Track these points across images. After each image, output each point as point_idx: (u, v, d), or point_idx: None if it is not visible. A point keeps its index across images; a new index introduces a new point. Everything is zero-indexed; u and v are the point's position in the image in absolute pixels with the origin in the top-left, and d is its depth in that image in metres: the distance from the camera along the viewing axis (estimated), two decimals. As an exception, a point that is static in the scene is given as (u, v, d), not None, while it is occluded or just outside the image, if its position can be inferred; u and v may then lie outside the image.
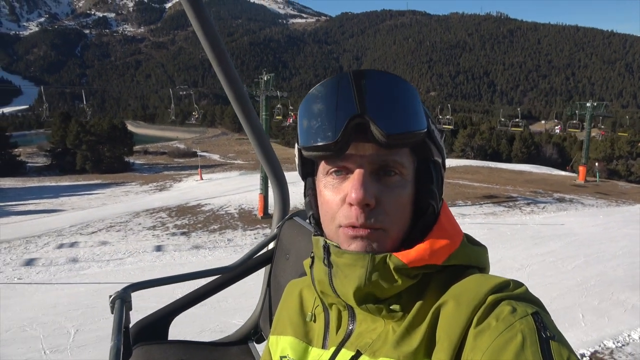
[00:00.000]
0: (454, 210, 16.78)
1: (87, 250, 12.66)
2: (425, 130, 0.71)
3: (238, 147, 52.59)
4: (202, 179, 26.92)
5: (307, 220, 0.80)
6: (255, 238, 14.07)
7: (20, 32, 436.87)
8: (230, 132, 76.06)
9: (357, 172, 0.69)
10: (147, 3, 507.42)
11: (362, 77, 0.69)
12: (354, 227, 0.69)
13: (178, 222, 16.00)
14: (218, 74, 1.46)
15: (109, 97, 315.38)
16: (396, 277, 0.68)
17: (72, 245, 13.20)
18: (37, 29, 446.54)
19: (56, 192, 24.79)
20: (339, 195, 0.71)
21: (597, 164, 34.15)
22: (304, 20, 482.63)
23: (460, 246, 0.73)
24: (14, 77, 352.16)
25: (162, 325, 1.53)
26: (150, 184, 26.78)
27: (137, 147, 44.71)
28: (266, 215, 16.81)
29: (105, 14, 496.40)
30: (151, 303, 2.69)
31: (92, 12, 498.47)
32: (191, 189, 23.74)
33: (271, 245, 1.76)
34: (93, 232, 14.68)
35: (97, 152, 35.60)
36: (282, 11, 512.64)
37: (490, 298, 0.63)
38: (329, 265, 0.74)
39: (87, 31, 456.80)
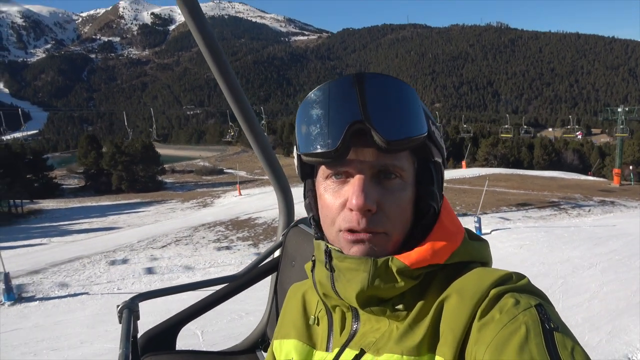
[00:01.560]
0: (497, 218, 17.34)
1: (168, 262, 13.27)
2: (426, 134, 0.70)
3: (258, 163, 52.66)
4: (240, 194, 27.60)
5: (308, 222, 0.79)
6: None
7: (28, 59, 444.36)
8: (250, 149, 77.24)
9: (358, 178, 0.68)
10: (151, 26, 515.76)
11: (361, 81, 0.68)
12: (354, 231, 0.69)
13: (239, 235, 16.61)
14: (222, 89, 1.49)
15: (116, 119, 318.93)
16: (399, 279, 0.69)
17: (150, 258, 13.82)
18: (44, 55, 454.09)
19: (102, 211, 25.54)
20: (339, 200, 0.71)
21: (630, 167, 34.48)
22: (305, 38, 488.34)
23: (462, 244, 0.73)
24: (23, 103, 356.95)
25: (170, 335, 1.52)
26: (190, 201, 27.49)
27: (163, 167, 45.53)
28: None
29: (110, 38, 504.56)
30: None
31: (98, 37, 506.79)
32: (234, 204, 24.39)
33: (277, 253, 1.77)
34: (163, 246, 15.31)
35: (132, 172, 36.58)
36: (284, 29, 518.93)
37: (493, 291, 0.64)
38: (331, 269, 0.74)
39: (93, 55, 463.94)
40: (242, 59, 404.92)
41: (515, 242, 13.72)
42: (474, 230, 7.49)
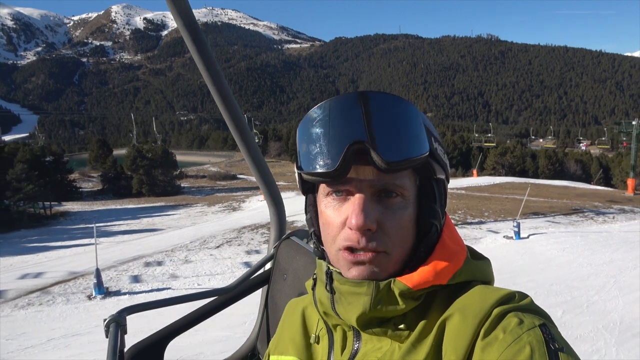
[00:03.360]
0: (528, 224, 18.27)
1: (230, 261, 13.92)
2: (427, 153, 0.69)
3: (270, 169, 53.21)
4: (264, 199, 28.30)
5: (309, 237, 0.79)
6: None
7: (18, 62, 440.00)
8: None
9: (358, 197, 0.68)
10: (144, 31, 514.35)
11: (363, 100, 0.67)
12: (354, 250, 0.69)
13: (285, 237, 17.35)
14: (214, 96, 1.49)
15: (108, 123, 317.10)
16: (401, 301, 0.68)
17: (211, 257, 14.44)
18: (34, 58, 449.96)
19: (132, 213, 26.09)
20: (339, 218, 0.70)
21: (643, 177, 35.75)
22: (298, 46, 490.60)
23: (464, 263, 0.72)
24: (12, 106, 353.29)
25: (157, 349, 1.50)
26: (216, 205, 28.13)
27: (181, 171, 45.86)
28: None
29: (102, 42, 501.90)
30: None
31: (89, 41, 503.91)
32: (263, 208, 25.10)
33: (268, 266, 1.76)
34: (217, 247, 15.97)
35: (152, 176, 37.08)
36: (276, 37, 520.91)
37: (496, 310, 0.63)
38: (331, 291, 0.73)
39: (84, 59, 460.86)
40: (236, 66, 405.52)
41: (555, 245, 14.67)
42: (513, 235, 12.06)
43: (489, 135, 53.65)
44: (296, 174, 0.77)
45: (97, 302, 10.79)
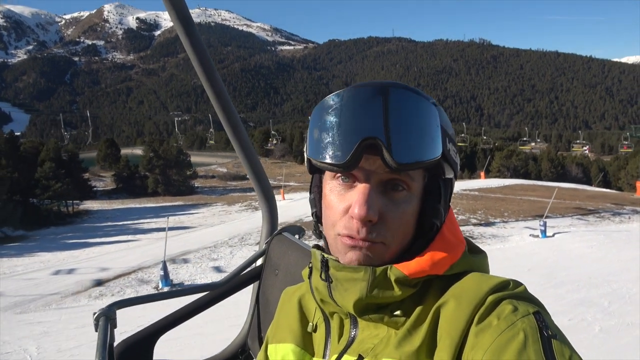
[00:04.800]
0: (549, 223, 19.08)
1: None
2: (439, 156, 0.68)
3: (278, 170, 54.41)
4: (284, 199, 28.88)
5: (300, 232, 0.75)
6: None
7: (9, 60, 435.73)
8: (265, 157, 77.87)
9: (363, 187, 0.68)
10: (136, 31, 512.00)
11: (384, 94, 0.66)
12: (353, 237, 0.69)
13: (320, 234, 18.03)
14: (209, 94, 1.48)
15: (101, 123, 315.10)
16: (397, 288, 0.68)
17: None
18: (25, 56, 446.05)
19: (155, 212, 26.59)
20: (342, 204, 0.70)
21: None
22: (292, 47, 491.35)
23: (461, 256, 0.73)
24: (3, 104, 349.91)
25: (147, 345, 1.49)
26: (236, 205, 28.68)
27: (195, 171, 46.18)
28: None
29: (94, 41, 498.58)
30: None
31: (81, 40, 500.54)
32: (286, 207, 25.66)
33: (259, 262, 1.76)
34: (257, 243, 16.54)
35: (167, 176, 37.58)
36: (270, 38, 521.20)
37: (490, 297, 0.64)
38: (328, 279, 0.74)
39: (76, 58, 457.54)
40: (230, 67, 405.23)
41: (582, 243, 15.51)
42: (539, 233, 13.71)
43: (484, 138, 55.13)
44: (305, 157, 0.76)
45: (164, 293, 11.38)
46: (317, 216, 0.78)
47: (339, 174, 0.70)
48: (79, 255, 15.77)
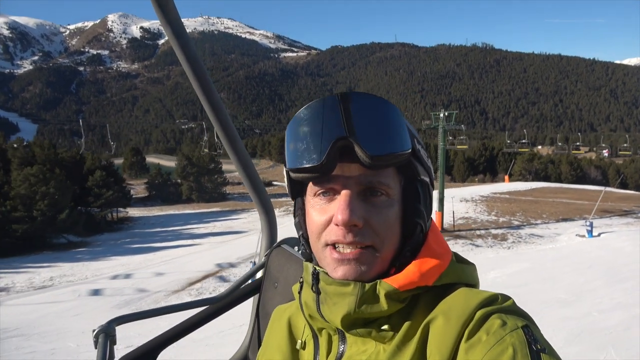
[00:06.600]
0: (591, 223, 19.94)
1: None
2: (410, 150, 0.71)
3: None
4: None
5: (298, 240, 0.79)
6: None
7: (15, 71, 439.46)
8: (278, 163, 78.76)
9: (344, 194, 0.69)
10: (140, 40, 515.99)
11: (347, 100, 0.69)
12: (340, 246, 0.70)
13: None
14: (203, 103, 1.49)
15: (108, 132, 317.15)
16: (386, 302, 0.68)
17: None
18: (31, 67, 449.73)
19: (198, 218, 27.51)
20: (325, 216, 0.71)
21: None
22: (295, 54, 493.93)
23: (449, 266, 0.73)
24: (10, 115, 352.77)
25: None
26: (274, 210, 29.53)
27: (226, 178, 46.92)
28: (442, 230, 19.77)
29: (99, 51, 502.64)
30: None
31: (86, 50, 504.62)
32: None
33: (259, 274, 1.72)
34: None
35: (200, 183, 38.56)
36: (273, 46, 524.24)
37: (479, 312, 0.64)
38: (317, 291, 0.74)
39: (81, 68, 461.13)
40: (234, 74, 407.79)
41: (629, 242, 16.36)
42: (585, 233, 16.03)
43: (461, 137, 57.49)
44: (285, 177, 0.78)
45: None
46: (305, 238, 0.78)
47: (319, 190, 0.72)
48: (152, 258, 16.66)
